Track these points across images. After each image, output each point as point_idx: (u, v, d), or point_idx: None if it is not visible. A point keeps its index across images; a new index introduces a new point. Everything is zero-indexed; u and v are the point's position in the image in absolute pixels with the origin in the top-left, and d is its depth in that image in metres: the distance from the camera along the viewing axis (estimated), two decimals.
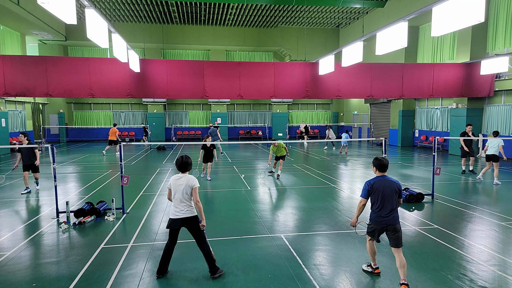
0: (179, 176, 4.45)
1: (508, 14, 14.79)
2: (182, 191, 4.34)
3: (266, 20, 24.82)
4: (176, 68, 14.44)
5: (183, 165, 4.47)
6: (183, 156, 4.53)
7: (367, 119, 25.88)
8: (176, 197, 4.37)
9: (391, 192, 4.14)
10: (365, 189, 4.23)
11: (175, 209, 4.37)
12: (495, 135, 10.42)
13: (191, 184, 4.36)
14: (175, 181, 4.42)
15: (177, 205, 4.36)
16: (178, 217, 4.35)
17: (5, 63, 12.83)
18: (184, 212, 4.35)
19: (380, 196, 4.13)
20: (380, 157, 4.32)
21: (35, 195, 8.96)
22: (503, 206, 7.64)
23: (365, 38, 11.89)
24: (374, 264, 4.49)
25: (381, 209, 4.15)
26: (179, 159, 4.50)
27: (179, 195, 4.35)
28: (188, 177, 4.42)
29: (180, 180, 4.40)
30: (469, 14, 6.25)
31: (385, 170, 4.26)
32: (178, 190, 4.36)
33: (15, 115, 20.54)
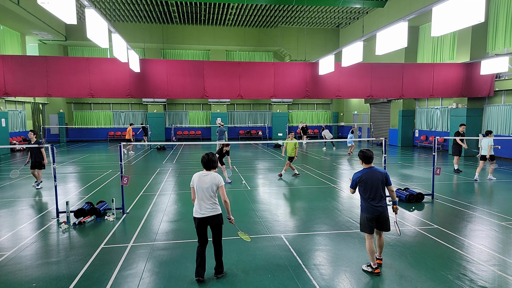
0: (204, 173, 4.30)
1: (508, 14, 14.79)
2: (207, 190, 4.21)
3: (266, 20, 24.82)
4: (176, 68, 14.44)
5: (209, 163, 4.32)
6: (208, 153, 4.39)
7: (367, 119, 25.88)
8: (200, 196, 4.24)
9: (378, 182, 4.45)
10: (353, 181, 4.57)
11: (200, 208, 4.24)
12: (487, 134, 10.52)
13: (217, 182, 4.24)
14: (199, 179, 4.27)
15: (202, 204, 4.24)
16: (204, 216, 4.23)
17: (5, 63, 12.83)
18: (210, 211, 4.25)
19: (369, 186, 4.43)
20: (365, 149, 4.64)
21: (34, 195, 8.96)
22: (503, 206, 7.64)
23: (365, 38, 11.88)
24: (374, 264, 4.49)
25: (373, 199, 4.43)
26: (204, 157, 4.35)
27: (203, 194, 4.22)
28: (213, 175, 4.29)
29: (206, 178, 4.25)
30: (469, 14, 6.25)
31: (370, 161, 4.58)
32: (202, 188, 4.23)
33: (15, 115, 20.54)
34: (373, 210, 4.41)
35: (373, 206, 4.41)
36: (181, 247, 5.43)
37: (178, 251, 5.27)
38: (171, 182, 10.61)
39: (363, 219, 4.53)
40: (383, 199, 4.46)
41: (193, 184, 4.32)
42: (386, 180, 4.52)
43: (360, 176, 4.50)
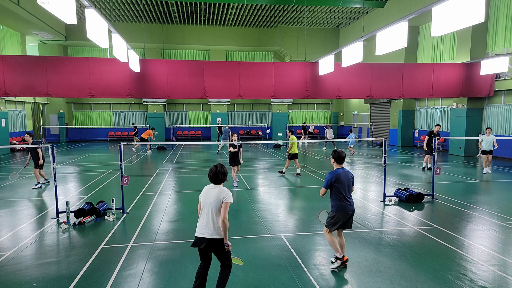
0: (211, 187, 3.81)
1: (508, 14, 14.79)
2: (211, 205, 3.66)
3: (266, 20, 24.83)
4: (176, 68, 14.44)
5: (217, 176, 3.79)
6: (217, 165, 3.85)
7: (367, 119, 25.88)
8: (204, 212, 3.72)
9: (350, 182, 4.66)
10: (329, 181, 4.60)
11: (200, 225, 3.69)
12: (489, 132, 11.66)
13: (223, 197, 3.67)
14: (206, 192, 3.79)
15: (203, 221, 3.68)
16: (202, 236, 3.64)
17: (5, 63, 12.83)
18: (211, 232, 3.62)
19: (344, 186, 4.59)
20: (339, 150, 4.75)
21: (34, 195, 8.96)
22: (503, 206, 7.64)
23: (365, 38, 11.89)
24: (340, 254, 4.61)
25: (347, 198, 4.61)
26: (212, 169, 3.82)
27: (206, 210, 3.69)
28: (220, 189, 3.74)
29: (212, 192, 3.73)
30: (469, 14, 6.25)
31: (342, 162, 4.70)
32: (206, 203, 3.72)
33: (15, 115, 20.54)
34: (349, 208, 4.59)
35: (348, 204, 4.60)
36: (181, 247, 5.43)
37: (178, 251, 5.27)
38: (171, 182, 10.61)
39: (337, 218, 4.61)
40: (351, 198, 4.70)
41: (200, 197, 3.85)
42: (352, 180, 4.73)
43: (336, 175, 4.57)
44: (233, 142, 10.02)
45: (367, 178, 11.32)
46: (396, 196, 8.21)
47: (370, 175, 11.70)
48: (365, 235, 5.89)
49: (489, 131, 11.69)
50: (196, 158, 16.55)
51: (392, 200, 8.12)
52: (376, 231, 6.12)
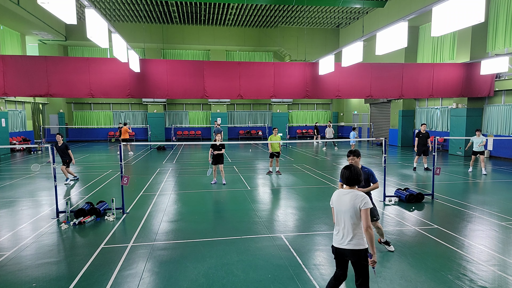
0: (344, 191, 3.35)
1: (508, 14, 14.79)
2: (346, 213, 3.27)
3: (266, 20, 24.83)
4: (176, 68, 14.44)
5: (353, 177, 3.33)
6: (350, 166, 3.40)
7: (367, 119, 25.88)
8: (338, 220, 3.36)
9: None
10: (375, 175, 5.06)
11: (337, 235, 3.36)
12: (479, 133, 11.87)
13: (359, 204, 3.21)
14: (338, 199, 3.37)
15: (339, 231, 3.34)
16: (343, 247, 3.29)
17: (5, 63, 12.83)
18: (349, 242, 3.26)
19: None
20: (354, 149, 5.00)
21: (34, 195, 8.96)
22: (503, 206, 7.64)
23: (365, 38, 11.88)
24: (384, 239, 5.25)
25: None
26: (346, 171, 3.36)
27: (342, 218, 3.32)
28: (355, 193, 3.27)
29: (345, 198, 3.30)
30: (469, 14, 6.25)
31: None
32: (340, 211, 3.33)
33: (15, 115, 20.54)
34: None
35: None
36: (181, 247, 5.44)
37: (178, 251, 5.27)
38: (171, 182, 10.61)
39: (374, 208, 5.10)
40: None
41: (332, 204, 3.48)
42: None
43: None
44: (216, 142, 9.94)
45: None
46: (396, 196, 8.21)
47: None
48: None
49: (478, 132, 11.84)
50: (196, 158, 16.55)
51: (392, 200, 8.12)
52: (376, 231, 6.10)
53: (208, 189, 9.61)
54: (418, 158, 12.80)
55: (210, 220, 6.94)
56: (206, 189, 9.62)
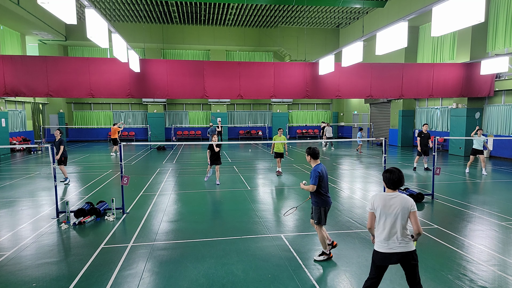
0: (390, 195, 3.33)
1: (508, 14, 14.79)
2: (396, 216, 3.25)
3: (266, 20, 24.83)
4: (176, 68, 14.44)
5: (400, 181, 3.32)
6: (394, 169, 3.37)
7: (367, 119, 25.88)
8: (385, 224, 3.30)
9: (327, 177, 4.93)
10: (317, 177, 4.73)
11: (385, 240, 3.29)
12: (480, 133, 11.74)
13: (409, 206, 3.25)
14: (385, 202, 3.31)
15: (387, 235, 3.28)
16: (391, 252, 3.26)
17: (5, 63, 12.83)
18: (400, 245, 3.25)
19: (325, 180, 4.86)
20: (313, 146, 4.98)
21: (34, 195, 8.96)
22: (503, 206, 7.64)
23: (365, 38, 11.88)
24: (327, 250, 4.87)
25: (327, 192, 4.87)
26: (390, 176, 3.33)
27: (390, 221, 3.27)
28: (403, 196, 3.30)
29: (393, 201, 3.28)
30: (469, 14, 6.25)
31: (318, 157, 4.95)
32: (389, 214, 3.28)
33: (15, 115, 20.54)
34: (329, 201, 4.89)
35: (328, 197, 4.88)
36: (181, 247, 5.44)
37: (178, 251, 5.27)
38: (171, 182, 10.61)
39: (322, 212, 4.83)
40: None
41: (373, 209, 3.39)
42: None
43: (321, 170, 4.79)
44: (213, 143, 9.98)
45: (367, 178, 11.32)
46: None
47: (370, 175, 11.70)
48: (365, 235, 5.89)
49: (480, 131, 11.68)
50: (196, 158, 16.54)
51: None
52: None
53: (208, 189, 9.61)
54: (419, 158, 12.79)
55: (210, 220, 6.94)
56: (206, 189, 9.62)
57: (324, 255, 4.91)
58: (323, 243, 4.86)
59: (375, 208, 3.36)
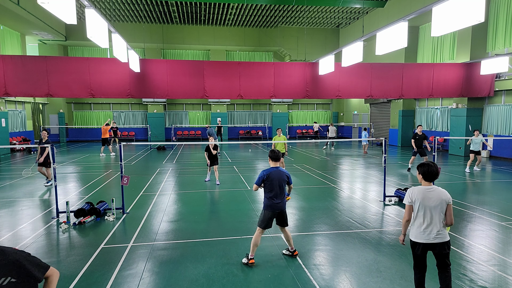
0: (428, 188, 3.47)
1: (508, 14, 14.79)
2: (435, 209, 3.41)
3: (266, 20, 24.83)
4: (176, 68, 14.44)
5: (436, 173, 3.48)
6: (430, 162, 3.51)
7: (367, 119, 25.88)
8: (424, 216, 3.44)
9: (282, 181, 4.75)
10: (260, 179, 4.75)
11: (425, 231, 3.45)
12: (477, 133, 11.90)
13: (447, 199, 3.44)
14: (424, 195, 3.44)
15: (427, 226, 3.44)
16: (430, 242, 3.46)
17: (5, 63, 12.83)
18: (437, 236, 3.45)
19: (275, 185, 4.70)
20: (276, 150, 4.89)
21: (34, 195, 8.96)
22: (503, 206, 7.64)
23: (365, 38, 11.89)
24: (251, 255, 4.76)
25: (276, 197, 4.72)
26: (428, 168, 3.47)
27: (429, 213, 3.42)
28: (440, 189, 3.48)
29: (432, 194, 3.43)
30: (469, 14, 6.25)
31: (277, 160, 4.85)
32: (428, 206, 3.42)
33: (15, 115, 20.54)
34: (275, 207, 4.73)
35: (275, 203, 4.72)
36: (181, 247, 5.44)
37: (178, 251, 5.27)
38: (171, 182, 10.61)
39: (265, 215, 4.77)
40: (283, 197, 4.80)
41: (412, 201, 3.50)
42: (288, 179, 4.84)
43: (268, 174, 4.72)
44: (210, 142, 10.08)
45: (367, 178, 11.32)
46: (396, 196, 8.21)
47: (370, 175, 11.70)
48: (365, 235, 5.89)
49: (477, 132, 11.90)
50: (196, 158, 16.54)
51: (392, 200, 8.12)
52: (376, 231, 6.12)
53: (208, 189, 9.62)
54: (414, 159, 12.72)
55: (210, 220, 6.94)
56: (206, 189, 9.62)
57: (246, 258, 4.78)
58: (252, 246, 4.74)
59: (414, 201, 3.48)
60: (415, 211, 3.50)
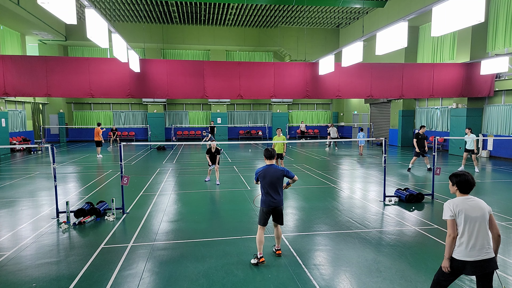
0: (468, 198, 3.13)
1: (508, 14, 14.79)
2: (479, 220, 3.01)
3: (266, 20, 24.83)
4: (176, 68, 14.44)
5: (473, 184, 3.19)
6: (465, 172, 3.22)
7: (367, 119, 25.88)
8: (472, 229, 3.00)
9: (275, 179, 4.77)
10: (256, 175, 4.89)
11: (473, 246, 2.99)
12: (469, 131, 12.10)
13: (489, 208, 3.11)
14: (467, 206, 3.05)
15: (475, 241, 2.99)
16: (479, 259, 2.98)
17: (5, 63, 12.83)
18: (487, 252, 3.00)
19: (267, 182, 4.76)
20: (270, 148, 5.00)
21: (34, 195, 8.96)
22: (503, 206, 7.64)
23: (365, 38, 11.89)
24: (259, 254, 4.74)
25: (269, 194, 4.78)
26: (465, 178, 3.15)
27: (474, 226, 3.00)
28: (479, 200, 3.14)
29: (473, 204, 3.07)
30: (469, 14, 6.25)
31: (271, 159, 4.90)
32: (472, 218, 3.01)
33: (15, 115, 20.54)
34: (270, 203, 4.77)
35: (269, 200, 4.77)
36: (181, 247, 5.44)
37: (178, 251, 5.27)
38: (171, 182, 10.61)
39: (261, 211, 4.87)
40: (279, 194, 4.82)
41: (454, 215, 3.06)
42: (286, 174, 4.85)
43: (260, 171, 4.84)
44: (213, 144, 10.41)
45: (367, 178, 11.32)
46: (396, 196, 8.21)
47: (370, 175, 11.70)
48: (365, 235, 5.89)
49: (467, 130, 12.08)
50: (196, 158, 16.54)
51: (392, 200, 8.12)
52: (376, 231, 6.12)
53: (208, 189, 9.61)
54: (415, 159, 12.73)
55: (210, 220, 6.94)
56: (206, 189, 9.62)
57: (255, 258, 4.76)
58: (258, 244, 4.76)
59: (457, 214, 3.04)
60: (459, 226, 3.04)
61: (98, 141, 16.92)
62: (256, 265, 4.72)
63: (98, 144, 16.98)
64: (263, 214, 4.84)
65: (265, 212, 4.83)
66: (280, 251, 5.06)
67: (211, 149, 10.28)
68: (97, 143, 16.98)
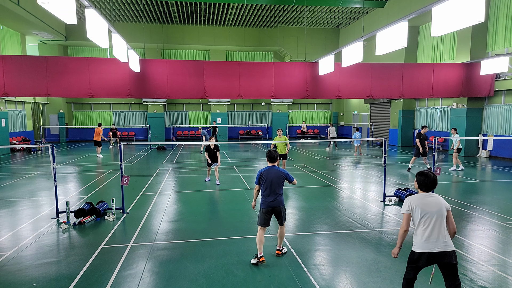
0: (426, 195, 3.33)
1: (508, 14, 14.79)
2: (436, 215, 3.21)
3: (266, 20, 24.83)
4: (176, 68, 14.44)
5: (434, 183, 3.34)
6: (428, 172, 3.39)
7: (367, 119, 25.88)
8: (428, 223, 3.22)
9: (275, 181, 4.81)
10: (257, 177, 4.93)
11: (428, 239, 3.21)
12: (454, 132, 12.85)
13: (446, 205, 3.29)
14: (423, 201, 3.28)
15: (431, 234, 3.20)
16: (434, 251, 3.18)
17: (5, 63, 12.83)
18: (444, 245, 3.19)
19: (268, 184, 4.81)
20: (272, 150, 5.00)
21: (35, 195, 8.96)
22: (503, 206, 7.64)
23: (365, 38, 11.88)
24: (259, 254, 4.75)
25: (268, 195, 4.82)
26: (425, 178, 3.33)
27: (432, 220, 3.21)
28: (437, 196, 3.33)
29: (431, 200, 3.28)
30: (469, 14, 6.25)
31: (273, 161, 4.93)
32: (429, 213, 3.23)
33: (15, 115, 20.54)
34: (269, 204, 4.82)
35: (269, 200, 4.82)
36: (181, 247, 5.44)
37: (178, 251, 5.27)
38: (171, 182, 10.61)
39: (260, 212, 4.92)
40: (278, 195, 4.85)
41: (410, 210, 3.33)
42: (287, 178, 4.91)
43: (263, 172, 4.89)
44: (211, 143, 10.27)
45: (367, 178, 11.32)
46: (396, 196, 8.21)
47: (370, 175, 11.70)
48: (365, 235, 5.89)
49: (452, 130, 12.67)
50: (196, 158, 16.54)
51: (392, 200, 8.12)
52: (376, 231, 6.12)
53: (208, 189, 9.61)
54: (415, 159, 12.74)
55: (210, 220, 6.94)
56: (206, 189, 9.62)
57: (255, 258, 4.77)
58: (258, 243, 4.79)
59: (413, 209, 3.29)
60: (415, 220, 3.28)
61: (97, 141, 16.90)
62: (256, 265, 4.72)
63: (97, 144, 16.96)
64: (263, 214, 4.88)
65: (265, 212, 4.86)
66: (279, 252, 5.05)
67: (210, 146, 10.18)
68: (96, 143, 16.97)
